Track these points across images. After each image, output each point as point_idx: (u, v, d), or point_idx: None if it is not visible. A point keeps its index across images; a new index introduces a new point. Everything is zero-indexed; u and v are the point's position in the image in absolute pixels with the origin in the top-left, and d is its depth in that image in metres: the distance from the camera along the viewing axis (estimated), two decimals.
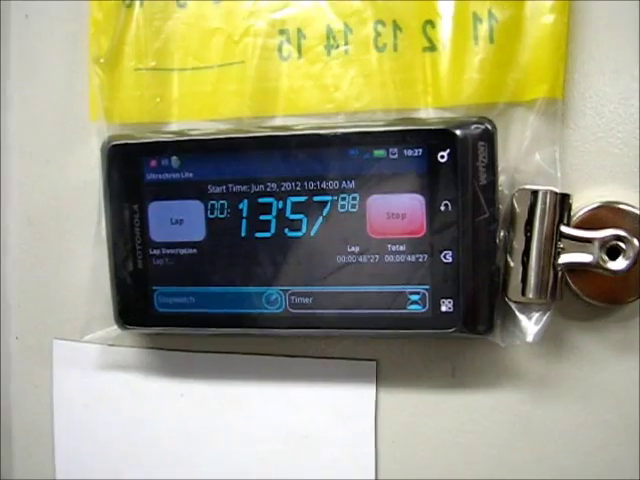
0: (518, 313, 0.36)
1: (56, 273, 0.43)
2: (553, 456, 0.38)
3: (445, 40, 0.36)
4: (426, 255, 0.35)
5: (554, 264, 0.35)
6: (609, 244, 0.34)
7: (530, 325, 0.36)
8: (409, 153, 0.35)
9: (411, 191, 0.35)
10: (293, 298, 0.37)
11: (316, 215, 0.36)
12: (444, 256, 0.35)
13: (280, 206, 0.37)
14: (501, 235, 0.35)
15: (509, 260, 0.35)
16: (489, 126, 0.34)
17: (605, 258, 0.34)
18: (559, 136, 0.36)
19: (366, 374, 0.39)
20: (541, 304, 0.35)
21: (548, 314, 0.35)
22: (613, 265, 0.34)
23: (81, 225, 0.42)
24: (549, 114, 0.36)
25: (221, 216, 0.37)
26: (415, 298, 0.35)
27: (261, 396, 0.40)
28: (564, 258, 0.35)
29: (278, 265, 0.37)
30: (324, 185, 0.36)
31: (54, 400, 0.44)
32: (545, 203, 0.35)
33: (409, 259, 0.35)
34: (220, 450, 0.41)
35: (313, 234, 0.36)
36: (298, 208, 0.36)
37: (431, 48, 0.37)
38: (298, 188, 0.36)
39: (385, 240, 0.36)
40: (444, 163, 0.34)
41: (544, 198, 0.35)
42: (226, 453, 0.41)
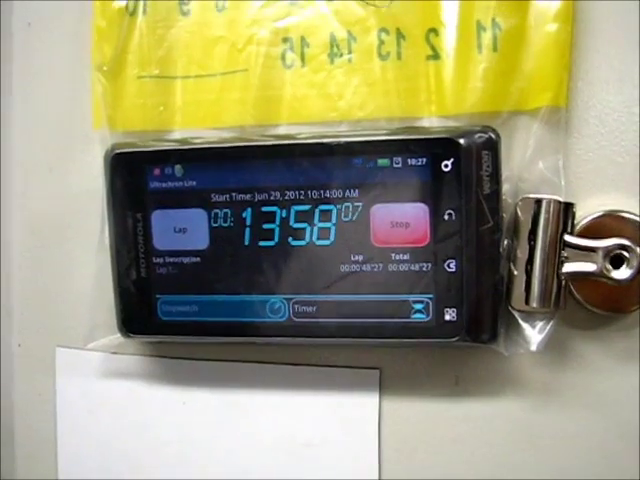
0: (522, 322, 0.36)
1: (59, 281, 0.43)
2: (556, 464, 0.38)
3: (449, 48, 0.36)
4: (430, 264, 0.35)
5: (558, 273, 0.35)
6: (613, 253, 0.34)
7: (534, 334, 0.36)
8: (413, 162, 0.35)
9: (415, 200, 0.35)
10: (296, 307, 0.37)
11: (320, 224, 0.36)
12: (448, 265, 0.35)
13: (284, 215, 0.36)
14: (505, 244, 0.35)
15: (513, 269, 0.35)
16: (493, 135, 0.34)
17: (609, 267, 0.34)
18: (563, 145, 0.36)
19: (369, 382, 0.39)
20: (545, 313, 0.35)
21: (552, 323, 0.35)
22: (617, 274, 0.34)
23: (84, 233, 0.42)
24: (553, 123, 0.36)
25: (224, 225, 0.37)
26: (419, 307, 0.35)
27: (264, 404, 0.40)
28: (568, 267, 0.35)
29: (281, 274, 0.37)
30: (328, 194, 0.36)
31: (57, 408, 0.44)
32: (549, 212, 0.35)
33: (413, 268, 0.35)
34: (222, 458, 0.41)
35: (317, 243, 0.36)
36: (302, 217, 0.36)
37: (435, 56, 0.37)
38: (302, 197, 0.36)
39: (389, 249, 0.35)
40: (448, 172, 0.34)
41: (548, 207, 0.35)
42: (228, 461, 0.41)
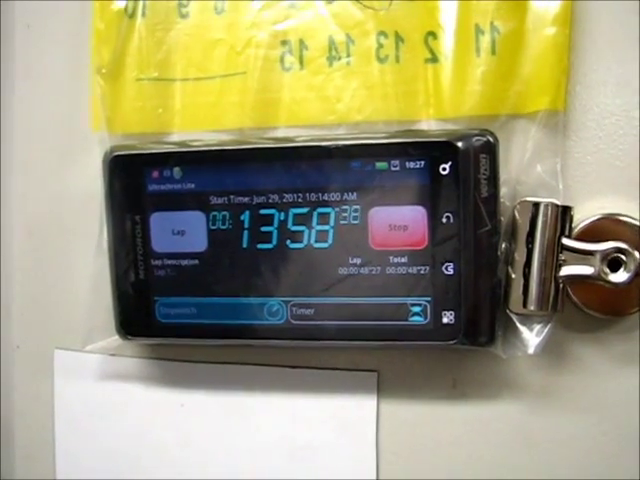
0: (519, 325, 0.36)
1: (58, 283, 0.43)
2: (554, 467, 0.38)
3: (447, 52, 0.37)
4: (428, 267, 0.35)
5: (555, 276, 0.35)
6: (610, 256, 0.34)
7: (531, 337, 0.36)
8: (411, 165, 0.35)
9: (413, 203, 0.35)
10: (294, 309, 0.37)
11: (318, 227, 0.36)
12: (446, 268, 0.35)
13: (282, 217, 0.37)
14: (503, 247, 0.35)
15: (510, 272, 0.35)
16: (491, 138, 0.34)
17: (606, 270, 0.34)
18: (561, 148, 0.36)
19: (367, 385, 0.39)
20: (542, 316, 0.35)
21: (549, 326, 0.35)
22: (614, 277, 0.34)
23: (83, 235, 0.41)
24: (551, 126, 0.36)
25: (223, 227, 0.37)
26: (416, 310, 0.35)
27: (262, 406, 0.40)
28: (565, 270, 0.35)
29: (279, 276, 0.37)
30: (326, 197, 0.36)
31: (55, 409, 0.44)
32: (547, 215, 0.35)
33: (411, 271, 0.35)
34: (221, 461, 0.41)
35: (315, 246, 0.36)
36: (300, 220, 0.36)
37: (433, 59, 0.37)
38: (300, 200, 0.36)
39: (387, 252, 0.36)
40: (446, 175, 0.34)
41: (545, 210, 0.35)
42: (227, 464, 0.41)
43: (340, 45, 0.38)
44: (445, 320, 0.35)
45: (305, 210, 0.36)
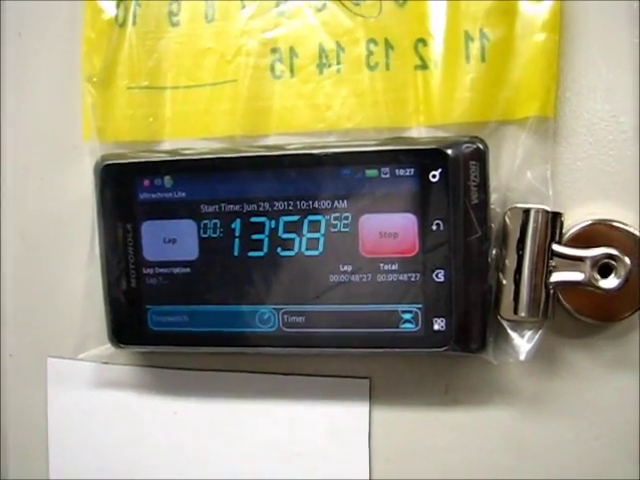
0: (510, 331, 0.36)
1: (50, 291, 0.43)
2: (546, 473, 0.38)
3: (437, 59, 0.37)
4: (418, 274, 0.35)
5: (546, 282, 0.35)
6: (601, 262, 0.34)
7: (523, 343, 0.36)
8: (401, 172, 0.35)
9: (403, 210, 0.35)
10: (286, 317, 0.37)
11: (308, 234, 0.36)
12: (436, 275, 0.35)
13: (272, 225, 0.37)
14: (493, 253, 0.35)
15: (501, 278, 0.36)
16: (480, 145, 0.34)
17: (597, 277, 0.34)
18: (551, 154, 0.36)
19: (359, 392, 0.39)
20: (533, 322, 0.36)
21: (540, 332, 0.36)
22: (605, 283, 0.34)
23: (75, 243, 0.41)
24: (541, 132, 0.36)
25: (214, 235, 0.37)
26: (408, 317, 0.36)
27: (254, 414, 0.40)
28: (556, 277, 0.35)
29: (271, 284, 0.37)
30: (316, 205, 0.36)
31: (48, 417, 0.44)
32: (537, 222, 0.35)
33: (401, 278, 0.35)
34: (213, 467, 0.41)
35: (305, 253, 0.36)
36: (290, 227, 0.36)
37: (423, 66, 0.37)
38: (290, 207, 0.36)
39: (377, 259, 0.36)
40: (436, 182, 0.34)
41: (536, 217, 0.35)
42: (220, 471, 0.41)
43: (330, 53, 0.38)
44: (436, 327, 0.35)
45: (296, 218, 0.36)
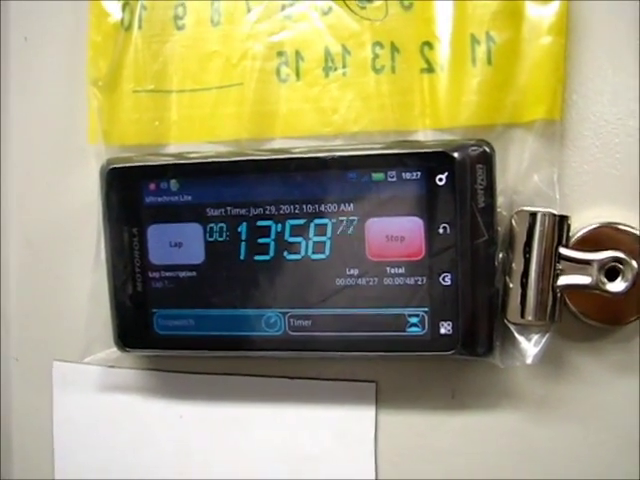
0: (517, 335, 0.36)
1: (56, 295, 0.43)
2: (553, 476, 0.38)
3: (443, 62, 0.37)
4: (425, 278, 0.35)
5: (553, 286, 0.35)
6: (608, 265, 0.34)
7: (529, 347, 0.36)
8: (407, 176, 0.35)
9: (410, 214, 0.35)
10: (292, 321, 0.37)
11: (315, 238, 0.36)
12: (443, 279, 0.35)
13: (279, 229, 0.37)
14: (500, 257, 0.35)
15: (508, 281, 0.35)
16: (487, 149, 0.34)
17: (604, 280, 0.34)
18: (557, 157, 0.36)
19: (366, 396, 0.39)
20: (540, 326, 0.35)
21: (547, 335, 0.35)
22: (612, 287, 0.34)
23: (80, 247, 0.41)
24: (547, 135, 0.36)
25: (220, 239, 0.37)
26: (414, 320, 0.35)
27: (261, 418, 0.40)
28: (563, 280, 0.35)
29: (277, 288, 0.37)
30: (323, 208, 0.36)
31: (54, 421, 0.44)
32: (544, 225, 0.35)
33: (408, 282, 0.35)
34: (219, 471, 0.41)
35: (312, 257, 0.36)
36: (297, 231, 0.36)
37: (429, 69, 0.37)
38: (297, 211, 0.36)
39: (384, 263, 0.36)
40: (442, 186, 0.34)
41: (543, 220, 0.35)
42: (226, 475, 0.41)
43: (336, 56, 0.38)
44: (443, 330, 0.35)
45: (302, 221, 0.36)
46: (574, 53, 0.36)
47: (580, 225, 0.36)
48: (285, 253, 0.37)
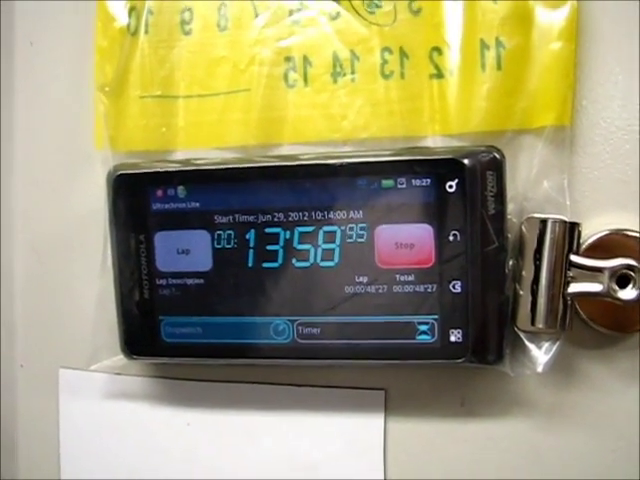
0: (528, 342, 0.36)
1: (62, 301, 0.43)
2: None
3: (452, 67, 0.36)
4: (435, 285, 0.35)
5: (563, 293, 0.34)
6: (619, 273, 0.34)
7: (540, 355, 0.35)
8: (417, 183, 0.35)
9: (419, 221, 0.35)
10: (301, 328, 0.37)
11: (324, 245, 0.36)
12: (453, 286, 0.35)
13: (287, 236, 0.36)
14: (510, 264, 0.35)
15: (518, 289, 0.35)
16: (497, 155, 0.34)
17: (615, 288, 0.34)
18: (567, 164, 0.36)
19: (375, 403, 0.39)
20: (551, 334, 0.35)
21: (558, 343, 0.35)
22: (623, 294, 0.34)
23: (87, 253, 0.41)
24: (557, 142, 0.35)
25: (228, 246, 0.37)
26: (424, 328, 0.35)
27: (269, 426, 0.40)
28: (574, 287, 0.34)
29: (285, 295, 0.37)
30: (332, 215, 0.36)
31: (60, 429, 0.44)
32: (554, 232, 0.34)
33: (418, 289, 0.35)
34: (227, 479, 0.41)
35: (321, 264, 0.36)
36: (305, 238, 0.36)
37: (438, 75, 0.37)
38: (305, 218, 0.36)
39: (393, 270, 0.35)
40: (452, 193, 0.34)
41: (553, 227, 0.34)
42: None
43: (344, 61, 0.37)
44: (453, 338, 0.35)
45: (311, 229, 0.36)
46: (584, 58, 0.36)
47: (591, 232, 0.36)
48: (294, 260, 0.36)
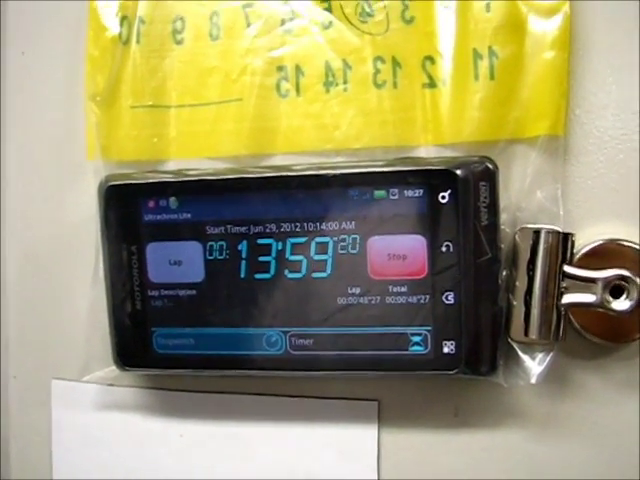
0: (521, 353, 0.35)
1: (54, 312, 0.43)
2: None
3: (445, 77, 0.36)
4: (428, 296, 0.35)
5: (557, 304, 0.34)
6: (612, 284, 0.34)
7: (534, 365, 0.35)
8: (410, 193, 0.34)
9: (412, 232, 0.35)
10: (293, 340, 0.36)
11: (316, 256, 0.36)
12: (446, 297, 0.34)
13: (280, 247, 0.36)
14: (503, 274, 0.35)
15: (511, 299, 0.35)
16: (490, 166, 0.34)
17: (609, 298, 0.34)
18: (561, 173, 0.35)
19: (368, 414, 0.39)
20: (544, 344, 0.35)
21: (551, 354, 0.35)
22: (617, 305, 0.34)
23: (79, 264, 0.41)
24: (551, 151, 0.35)
25: (220, 257, 0.37)
26: (417, 339, 0.35)
27: (262, 437, 0.40)
28: (567, 298, 0.34)
29: (278, 307, 0.36)
30: (324, 226, 0.36)
31: (52, 440, 0.43)
32: (548, 242, 0.34)
33: (410, 300, 0.35)
34: None
35: (313, 276, 0.36)
36: (298, 249, 0.36)
37: (431, 85, 0.36)
38: (298, 229, 0.36)
39: (386, 281, 0.35)
40: (445, 203, 0.34)
41: (547, 238, 0.34)
42: None
43: (337, 71, 0.37)
44: (446, 350, 0.35)
45: (303, 240, 0.36)
46: (577, 67, 0.36)
47: (584, 241, 0.35)
48: (286, 272, 0.36)
